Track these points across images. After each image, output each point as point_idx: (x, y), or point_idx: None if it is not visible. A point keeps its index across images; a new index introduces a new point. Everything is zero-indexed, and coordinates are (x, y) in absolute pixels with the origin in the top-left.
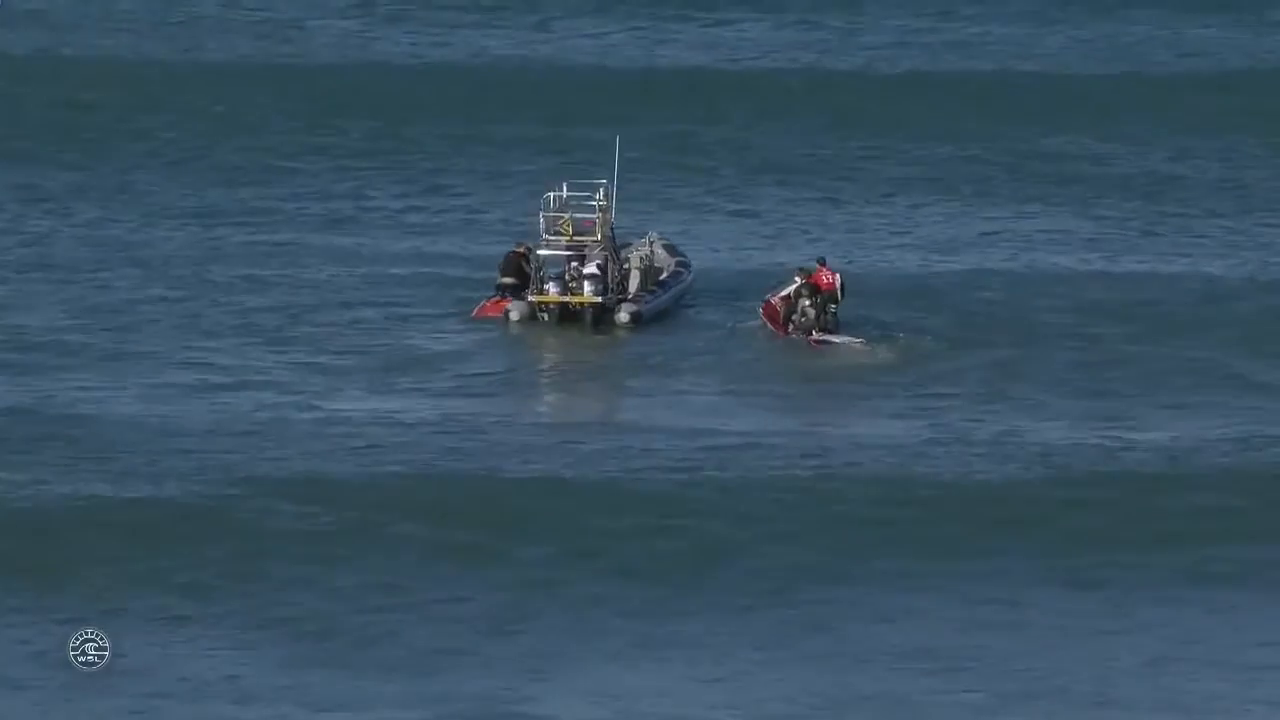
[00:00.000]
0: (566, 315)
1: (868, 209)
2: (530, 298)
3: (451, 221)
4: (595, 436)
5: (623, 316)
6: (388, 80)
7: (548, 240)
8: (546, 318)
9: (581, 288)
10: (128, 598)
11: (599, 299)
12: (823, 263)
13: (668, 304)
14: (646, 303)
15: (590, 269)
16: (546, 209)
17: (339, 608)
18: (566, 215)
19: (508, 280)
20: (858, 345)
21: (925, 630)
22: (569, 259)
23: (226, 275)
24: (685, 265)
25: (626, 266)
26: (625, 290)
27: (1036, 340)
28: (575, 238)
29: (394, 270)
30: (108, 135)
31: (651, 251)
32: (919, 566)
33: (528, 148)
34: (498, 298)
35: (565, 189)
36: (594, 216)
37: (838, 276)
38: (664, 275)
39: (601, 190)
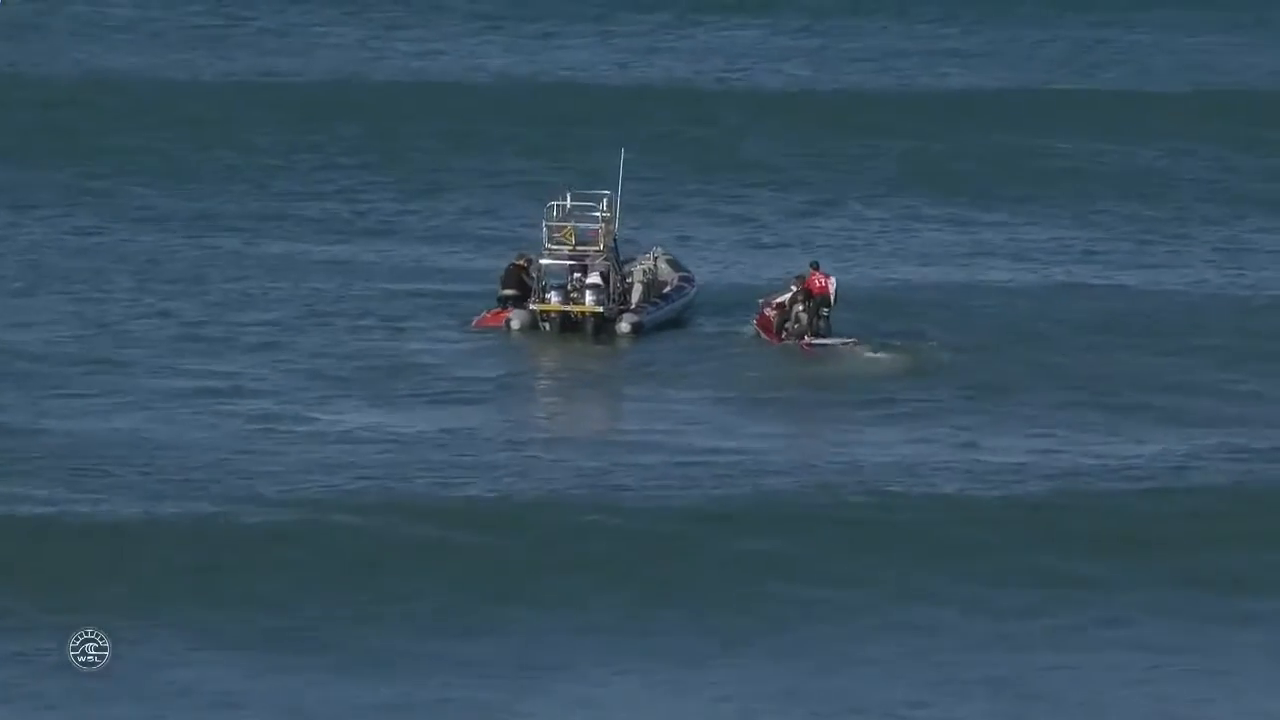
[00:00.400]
0: (568, 325)
1: (864, 219)
2: (532, 306)
3: (451, 232)
4: (589, 444)
5: (623, 327)
6: (385, 91)
7: (550, 250)
8: (548, 327)
9: (583, 297)
10: (122, 605)
11: (600, 308)
12: (816, 266)
13: (670, 316)
14: (648, 314)
15: (593, 278)
16: (549, 218)
17: (332, 616)
18: (569, 225)
19: (509, 292)
20: (850, 344)
21: (918, 640)
22: (571, 269)
23: (223, 286)
24: (689, 280)
25: (630, 280)
26: (627, 302)
27: (1030, 350)
28: (578, 247)
29: (393, 281)
30: (103, 145)
31: (655, 265)
32: (914, 575)
33: (529, 159)
34: (499, 309)
35: (569, 199)
36: (597, 226)
37: (831, 280)
38: (667, 289)
39: (605, 201)
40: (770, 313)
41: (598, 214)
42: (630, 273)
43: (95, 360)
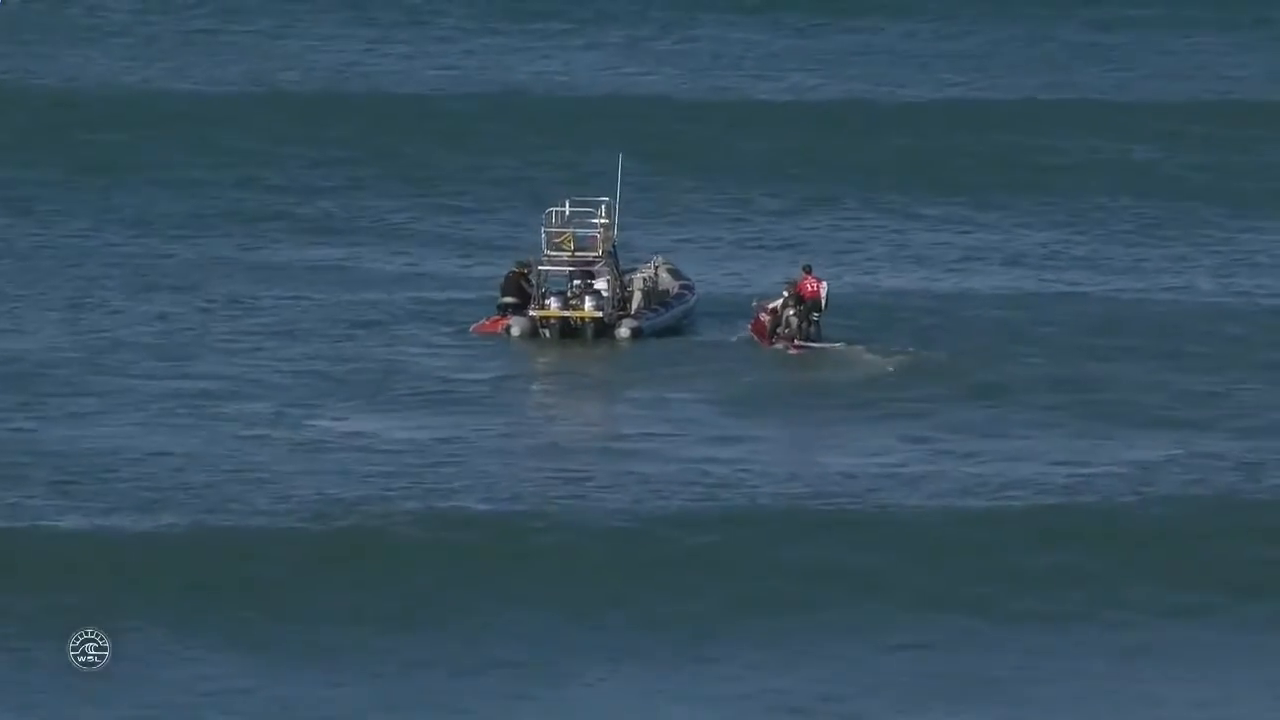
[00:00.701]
0: (567, 331)
1: (862, 224)
2: (531, 313)
3: (448, 238)
4: (584, 449)
5: (623, 332)
6: (381, 95)
7: (549, 256)
8: (548, 334)
9: (582, 303)
10: (122, 607)
11: (599, 314)
12: (808, 271)
13: (669, 323)
14: (648, 319)
15: (600, 284)
16: (548, 225)
17: (328, 618)
18: (568, 231)
19: (509, 300)
20: (837, 349)
21: (912, 644)
22: (571, 275)
23: (218, 290)
24: (689, 288)
25: (630, 289)
26: (627, 308)
27: (1025, 354)
28: (577, 253)
29: (390, 286)
30: (97, 150)
31: (655, 274)
32: (907, 579)
33: (526, 164)
34: (498, 316)
35: (567, 206)
36: (595, 232)
37: (823, 285)
38: (668, 297)
39: (603, 207)
40: (764, 317)
41: (596, 220)
42: (631, 280)
43: (88, 366)
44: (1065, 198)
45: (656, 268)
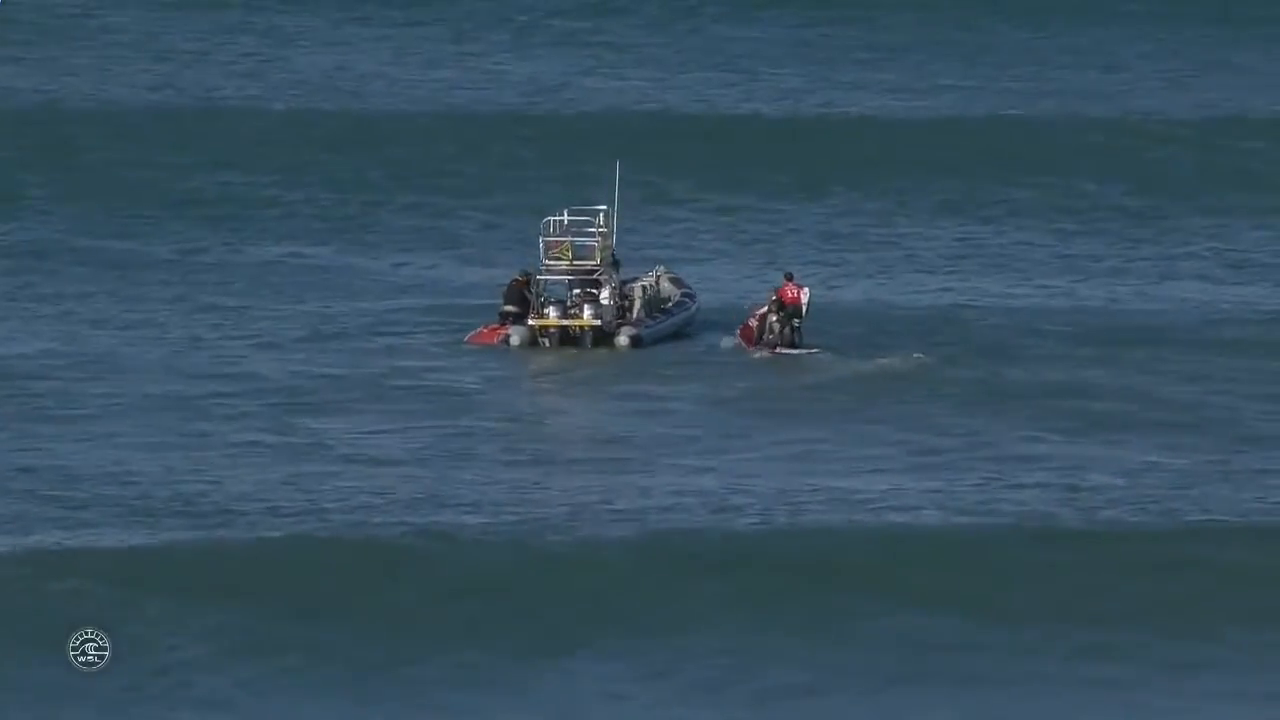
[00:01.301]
0: (567, 339)
1: (856, 231)
2: (530, 322)
3: (445, 247)
4: (576, 460)
5: (622, 340)
6: (376, 103)
7: (548, 265)
8: (547, 343)
9: (581, 312)
10: (122, 608)
11: (597, 321)
12: (789, 277)
13: (669, 331)
14: (647, 327)
15: (604, 294)
16: (546, 234)
17: (323, 622)
18: (566, 240)
19: (511, 309)
20: (817, 354)
21: (892, 653)
22: (571, 284)
23: (210, 300)
24: (690, 297)
25: (631, 297)
26: (626, 316)
27: (1015, 361)
28: (575, 262)
29: (387, 295)
30: (88, 157)
31: (657, 283)
32: (893, 585)
33: (526, 175)
34: (497, 325)
35: (566, 214)
36: (594, 241)
37: (804, 291)
38: (669, 305)
39: (601, 215)
40: (753, 323)
41: (594, 229)
42: (631, 289)
43: (81, 372)
44: (1057, 201)
45: (658, 276)
